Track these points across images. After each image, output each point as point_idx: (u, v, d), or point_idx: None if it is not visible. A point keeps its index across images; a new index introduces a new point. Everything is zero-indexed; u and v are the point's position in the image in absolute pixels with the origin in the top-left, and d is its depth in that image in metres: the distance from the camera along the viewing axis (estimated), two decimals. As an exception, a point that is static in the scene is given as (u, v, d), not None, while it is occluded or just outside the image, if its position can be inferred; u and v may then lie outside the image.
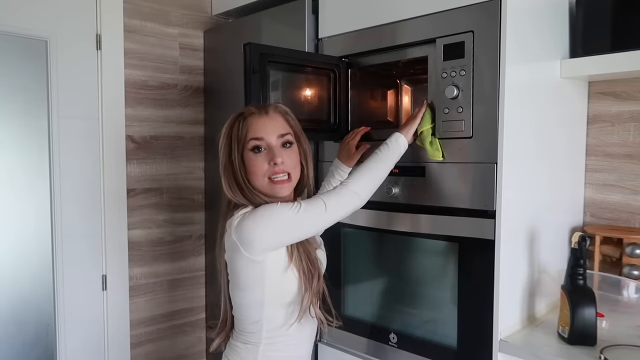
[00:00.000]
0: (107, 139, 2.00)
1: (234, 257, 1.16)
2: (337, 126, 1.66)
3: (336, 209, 1.19)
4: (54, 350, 1.93)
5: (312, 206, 1.16)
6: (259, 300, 1.17)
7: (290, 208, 1.13)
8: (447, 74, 1.39)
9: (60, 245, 1.92)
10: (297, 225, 1.14)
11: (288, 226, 1.14)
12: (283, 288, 1.18)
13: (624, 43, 1.40)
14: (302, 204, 1.15)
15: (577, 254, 1.27)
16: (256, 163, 1.17)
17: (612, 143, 1.62)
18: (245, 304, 1.20)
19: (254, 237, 1.11)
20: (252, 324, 1.21)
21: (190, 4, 2.24)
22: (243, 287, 1.18)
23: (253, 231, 1.11)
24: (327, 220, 1.19)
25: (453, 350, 1.40)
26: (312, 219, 1.16)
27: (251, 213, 1.14)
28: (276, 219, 1.12)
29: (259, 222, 1.12)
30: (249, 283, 1.17)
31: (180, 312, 2.30)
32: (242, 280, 1.18)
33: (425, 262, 1.52)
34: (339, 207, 1.19)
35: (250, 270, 1.15)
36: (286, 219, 1.13)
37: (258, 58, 1.42)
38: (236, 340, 1.26)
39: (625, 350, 1.22)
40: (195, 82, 2.28)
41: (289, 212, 1.13)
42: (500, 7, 1.27)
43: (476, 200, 1.34)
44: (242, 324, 1.23)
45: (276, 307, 1.19)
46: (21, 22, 1.80)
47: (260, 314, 1.18)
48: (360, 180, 1.26)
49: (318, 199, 1.18)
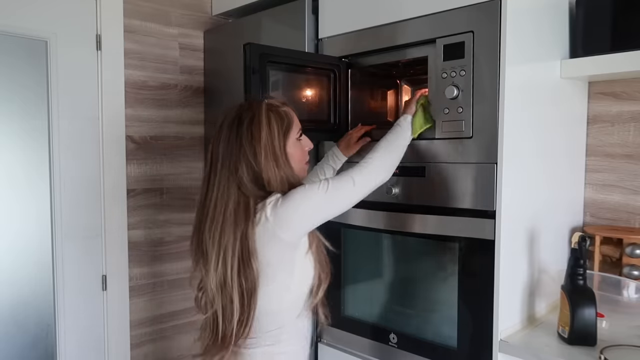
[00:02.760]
0: (107, 139, 2.00)
1: (267, 246, 1.15)
2: (337, 126, 1.66)
3: (364, 182, 1.23)
4: (54, 351, 1.93)
5: (340, 183, 1.20)
6: (287, 286, 1.20)
7: (319, 187, 1.17)
8: (447, 74, 1.39)
9: (60, 245, 1.92)
10: (330, 202, 1.18)
11: (322, 204, 1.17)
12: (304, 275, 1.22)
13: (624, 43, 1.40)
14: (329, 181, 1.18)
15: (577, 254, 1.27)
16: (300, 150, 1.26)
17: (612, 143, 1.62)
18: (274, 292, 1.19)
19: (294, 218, 1.14)
20: (274, 319, 1.21)
21: (190, 4, 2.24)
22: (273, 274, 1.18)
23: (293, 213, 1.14)
24: (357, 194, 1.22)
25: (453, 350, 1.40)
26: (343, 194, 1.20)
27: (285, 198, 1.15)
28: (310, 199, 1.15)
29: (297, 203, 1.14)
30: (281, 268, 1.18)
31: (180, 312, 2.30)
32: (273, 267, 1.18)
33: (425, 262, 1.52)
34: (366, 180, 1.23)
35: (283, 254, 1.17)
36: (319, 197, 1.16)
37: (258, 58, 1.42)
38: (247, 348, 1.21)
39: (625, 351, 1.22)
40: (195, 83, 2.28)
41: (320, 191, 1.16)
42: (500, 8, 1.27)
43: (476, 200, 1.34)
44: (260, 324, 1.21)
45: (298, 295, 1.22)
46: (21, 22, 1.80)
47: (284, 303, 1.21)
48: (383, 154, 1.31)
49: (345, 175, 1.22)
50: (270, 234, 1.14)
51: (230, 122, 1.20)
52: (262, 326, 1.21)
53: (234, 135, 1.18)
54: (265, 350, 1.22)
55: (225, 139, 1.19)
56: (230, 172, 1.16)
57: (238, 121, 1.19)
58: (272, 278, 1.18)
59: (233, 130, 1.19)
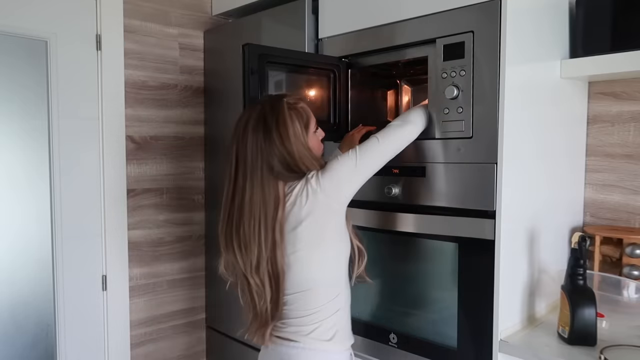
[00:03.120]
0: (107, 139, 2.00)
1: (322, 216, 1.26)
2: (337, 126, 1.66)
3: (389, 136, 1.34)
4: (54, 351, 1.93)
5: (367, 144, 1.31)
6: (340, 251, 1.31)
7: (350, 153, 1.29)
8: (447, 74, 1.39)
9: (60, 245, 1.92)
10: (363, 162, 1.28)
11: (358, 165, 1.28)
12: (347, 242, 1.33)
13: (624, 43, 1.40)
14: (357, 147, 1.31)
15: (577, 254, 1.27)
16: (317, 141, 1.36)
17: (612, 143, 1.62)
18: (331, 259, 1.30)
19: (339, 184, 1.26)
20: (336, 284, 1.31)
21: (190, 4, 2.24)
22: (330, 243, 1.29)
23: (337, 179, 1.26)
24: (385, 149, 1.33)
25: (453, 350, 1.40)
26: (372, 153, 1.31)
27: (324, 170, 1.27)
28: (346, 164, 1.27)
29: (337, 170, 1.26)
30: (334, 236, 1.29)
31: (180, 312, 2.30)
32: (332, 236, 1.29)
33: (425, 262, 1.52)
34: (391, 134, 1.35)
35: (335, 221, 1.29)
36: (353, 160, 1.28)
37: (257, 59, 1.42)
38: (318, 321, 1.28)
39: (625, 351, 1.22)
40: (195, 83, 2.28)
41: (352, 155, 1.28)
42: (500, 8, 1.27)
43: (476, 200, 1.34)
44: (320, 294, 1.28)
45: (346, 262, 1.33)
46: (21, 22, 1.80)
47: (340, 269, 1.32)
48: (407, 115, 1.43)
49: (371, 137, 1.34)
50: (322, 204, 1.25)
51: (255, 125, 1.26)
52: (324, 295, 1.29)
53: (262, 137, 1.25)
54: (336, 316, 1.31)
55: (253, 141, 1.25)
56: (262, 171, 1.24)
57: (264, 123, 1.25)
58: (331, 246, 1.29)
59: (260, 133, 1.25)
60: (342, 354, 1.32)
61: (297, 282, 1.27)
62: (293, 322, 1.29)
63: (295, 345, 1.28)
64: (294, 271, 1.27)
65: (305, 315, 1.28)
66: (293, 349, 1.28)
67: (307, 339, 1.27)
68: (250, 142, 1.25)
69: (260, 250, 1.24)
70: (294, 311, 1.29)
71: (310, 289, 1.28)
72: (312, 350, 1.28)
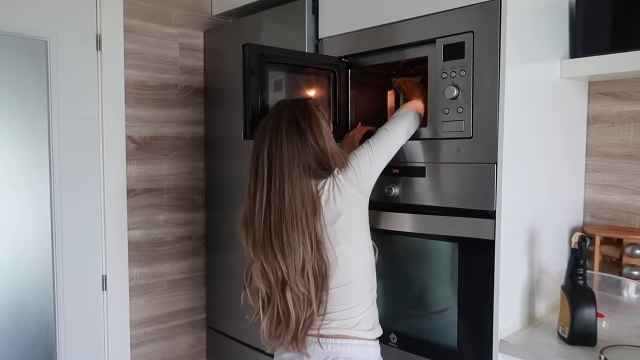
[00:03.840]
0: (107, 139, 2.00)
1: (354, 208, 1.32)
2: (337, 126, 1.66)
3: (397, 126, 1.40)
4: (54, 351, 1.93)
5: (378, 136, 1.38)
6: (371, 243, 1.36)
7: (365, 146, 1.36)
8: (447, 74, 1.39)
9: (60, 245, 1.92)
10: (378, 151, 1.35)
11: (374, 155, 1.34)
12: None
13: (624, 43, 1.40)
14: (370, 140, 1.37)
15: (577, 254, 1.27)
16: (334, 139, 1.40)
17: (612, 143, 1.62)
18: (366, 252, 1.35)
19: (364, 174, 1.32)
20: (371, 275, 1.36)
21: (190, 4, 2.24)
22: (363, 234, 1.35)
23: (361, 172, 1.32)
24: (396, 137, 1.39)
25: (453, 350, 1.40)
26: (384, 142, 1.38)
27: (346, 167, 1.32)
28: (363, 156, 1.34)
29: (359, 164, 1.32)
30: (367, 224, 1.35)
31: (180, 313, 2.30)
32: (363, 226, 1.35)
33: (425, 262, 1.52)
34: (398, 123, 1.41)
35: (365, 212, 1.35)
36: (369, 151, 1.35)
37: (257, 59, 1.42)
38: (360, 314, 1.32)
39: (625, 351, 1.22)
40: (195, 83, 2.28)
41: (367, 147, 1.36)
42: (500, 8, 1.27)
43: (476, 200, 1.34)
44: (359, 288, 1.32)
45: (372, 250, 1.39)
46: (21, 22, 1.80)
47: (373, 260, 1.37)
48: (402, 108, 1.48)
49: (379, 130, 1.41)
50: (353, 197, 1.31)
51: (287, 127, 1.28)
52: (365, 286, 1.34)
53: (297, 138, 1.27)
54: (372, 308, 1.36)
55: (288, 143, 1.26)
56: (300, 171, 1.26)
57: (297, 124, 1.28)
58: (365, 236, 1.35)
59: (294, 134, 1.27)
60: (378, 344, 1.37)
61: (341, 276, 1.29)
62: (336, 316, 1.30)
63: (344, 342, 1.29)
64: (339, 265, 1.28)
65: (349, 308, 1.30)
66: (341, 346, 1.29)
67: (353, 331, 1.30)
68: (285, 143, 1.26)
69: (306, 250, 1.24)
70: (336, 305, 1.30)
71: (353, 282, 1.30)
72: (358, 343, 1.30)
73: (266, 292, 1.30)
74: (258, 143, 1.30)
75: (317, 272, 1.25)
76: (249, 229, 1.30)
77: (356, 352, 1.29)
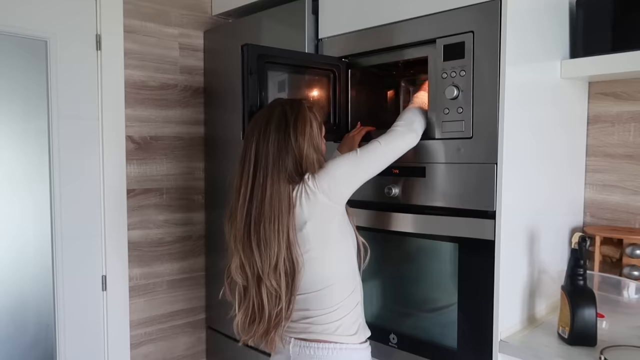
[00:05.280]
0: (107, 139, 2.00)
1: (324, 216, 1.28)
2: (337, 126, 1.66)
3: (392, 140, 1.36)
4: (54, 351, 1.93)
5: (368, 147, 1.33)
6: (350, 246, 1.33)
7: (350, 154, 1.32)
8: (447, 74, 1.39)
9: (60, 245, 1.92)
10: (362, 163, 1.31)
11: (356, 165, 1.30)
12: (353, 238, 1.35)
13: (624, 43, 1.40)
14: (358, 149, 1.33)
15: (577, 255, 1.27)
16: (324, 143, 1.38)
17: (612, 143, 1.62)
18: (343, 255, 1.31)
19: (338, 183, 1.27)
20: (351, 278, 1.33)
21: (190, 4, 2.24)
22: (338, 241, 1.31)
23: (333, 178, 1.26)
24: (387, 153, 1.34)
25: (453, 350, 1.40)
26: (372, 155, 1.33)
27: (321, 170, 1.28)
28: (343, 165, 1.29)
29: (334, 169, 1.28)
30: (340, 232, 1.31)
31: (180, 313, 2.30)
32: (338, 233, 1.30)
33: (425, 262, 1.52)
34: (393, 139, 1.36)
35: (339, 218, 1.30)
36: (351, 160, 1.30)
37: (256, 59, 1.42)
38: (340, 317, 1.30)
39: (625, 351, 1.22)
40: (195, 83, 2.28)
41: (351, 156, 1.31)
42: (500, 8, 1.27)
43: (476, 200, 1.34)
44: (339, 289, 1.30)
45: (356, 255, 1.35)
46: (21, 22, 1.80)
47: (352, 264, 1.33)
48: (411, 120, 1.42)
49: (373, 140, 1.35)
50: (322, 205, 1.26)
51: (277, 124, 1.27)
52: (344, 290, 1.31)
53: (283, 135, 1.26)
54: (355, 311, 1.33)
55: (275, 140, 1.26)
56: (280, 169, 1.25)
57: (285, 122, 1.27)
58: (339, 244, 1.31)
59: (282, 131, 1.26)
60: (365, 348, 1.35)
61: (314, 281, 1.28)
62: (317, 320, 1.29)
63: (325, 346, 1.28)
64: (308, 271, 1.27)
65: (328, 312, 1.29)
66: (322, 350, 1.28)
67: (333, 336, 1.29)
68: (272, 140, 1.26)
69: (279, 248, 1.24)
70: (316, 310, 1.29)
71: (329, 286, 1.29)
72: (340, 347, 1.29)
73: (244, 286, 1.32)
74: (247, 137, 1.30)
75: (287, 271, 1.25)
76: (232, 224, 1.31)
77: (338, 356, 1.28)
